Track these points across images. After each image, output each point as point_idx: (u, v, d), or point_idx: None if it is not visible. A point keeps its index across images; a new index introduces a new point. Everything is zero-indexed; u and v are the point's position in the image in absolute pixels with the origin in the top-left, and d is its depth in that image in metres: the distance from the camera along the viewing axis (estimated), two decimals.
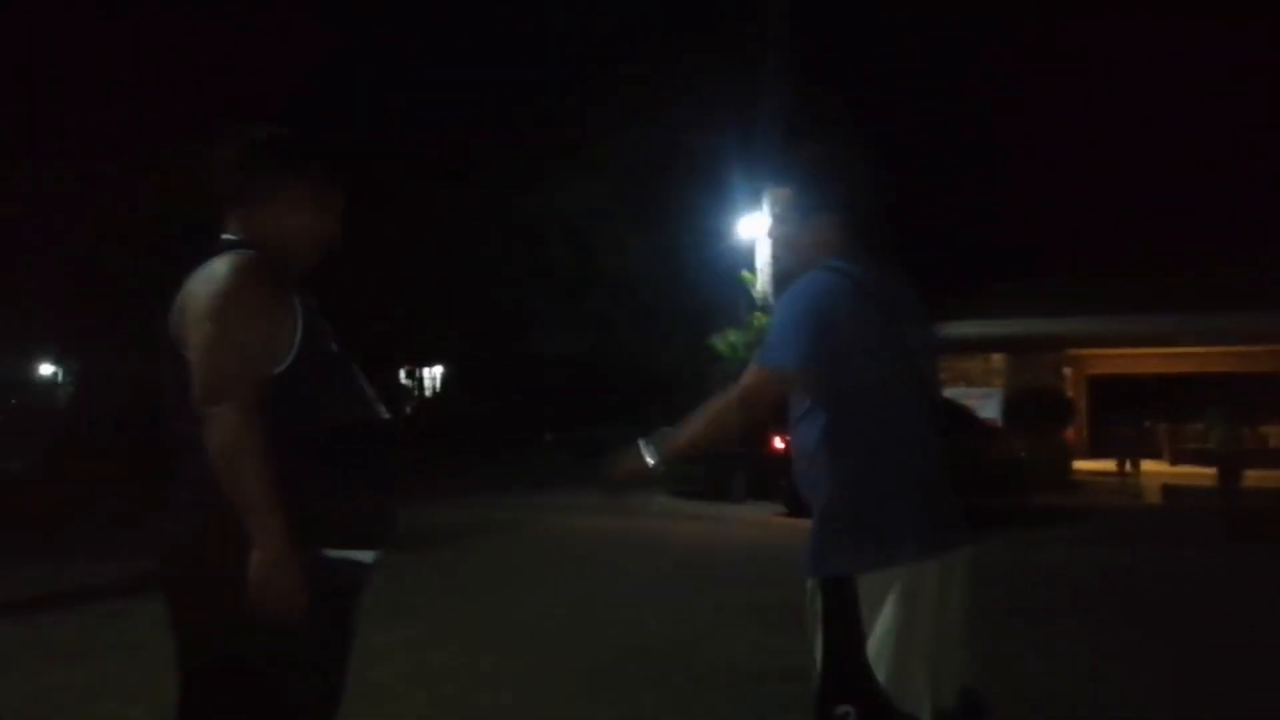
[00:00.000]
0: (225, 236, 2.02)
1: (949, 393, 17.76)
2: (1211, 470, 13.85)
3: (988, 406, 16.45)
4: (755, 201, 15.88)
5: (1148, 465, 19.42)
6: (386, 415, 2.05)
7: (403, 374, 24.85)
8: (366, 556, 1.98)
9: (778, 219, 2.44)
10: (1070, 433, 18.84)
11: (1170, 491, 15.94)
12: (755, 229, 15.90)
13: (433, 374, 25.33)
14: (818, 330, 2.18)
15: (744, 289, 15.86)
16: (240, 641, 1.84)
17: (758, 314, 15.46)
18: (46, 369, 34.19)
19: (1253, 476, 13.98)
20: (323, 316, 2.02)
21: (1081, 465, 19.36)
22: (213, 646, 1.86)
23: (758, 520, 11.69)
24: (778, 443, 11.94)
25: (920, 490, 2.25)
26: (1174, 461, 22.43)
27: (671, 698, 4.43)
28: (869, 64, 18.21)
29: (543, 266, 19.80)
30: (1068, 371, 20.29)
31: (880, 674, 2.16)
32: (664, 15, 17.95)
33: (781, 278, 15.78)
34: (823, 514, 2.29)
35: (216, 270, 1.88)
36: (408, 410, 23.85)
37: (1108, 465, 17.63)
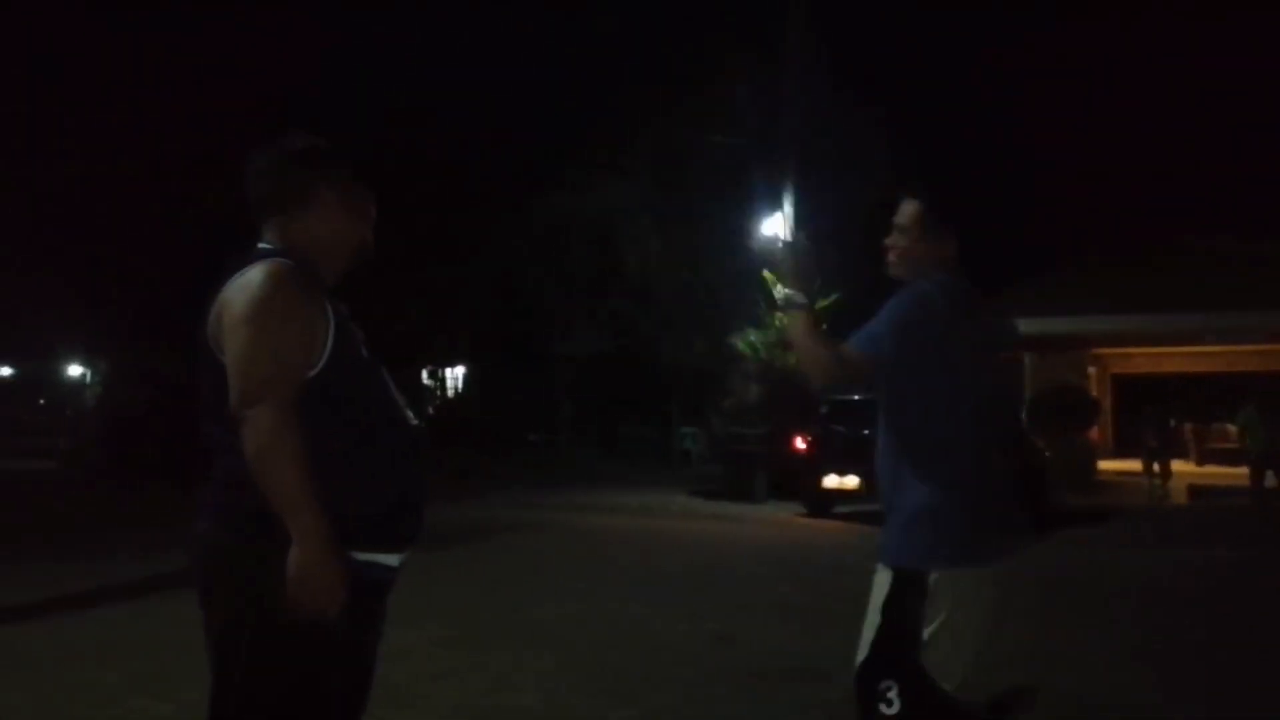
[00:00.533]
0: (261, 245, 2.06)
1: None
2: (1239, 470, 13.62)
3: None
4: (776, 202, 15.85)
5: (1174, 466, 19.19)
6: (415, 421, 2.08)
7: (425, 374, 24.96)
8: (393, 559, 2.01)
9: (900, 230, 2.58)
10: (1094, 433, 18.68)
11: (1198, 492, 15.75)
12: (776, 229, 15.88)
13: (454, 374, 25.42)
14: (906, 337, 2.37)
15: (765, 289, 15.83)
16: (271, 642, 1.87)
17: (778, 314, 15.42)
18: (75, 369, 34.62)
19: None
20: (354, 322, 2.05)
21: (1106, 465, 19.18)
22: (244, 646, 1.90)
23: (778, 521, 11.67)
24: (799, 444, 11.92)
25: (991, 497, 2.42)
26: (1201, 462, 22.17)
27: (693, 698, 4.44)
28: (890, 64, 18.13)
29: (564, 267, 19.84)
30: (1092, 371, 20.12)
31: (927, 663, 2.34)
32: (687, 17, 17.95)
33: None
34: (902, 509, 2.43)
35: (252, 278, 1.93)
36: (430, 410, 23.94)
37: (1133, 465, 17.44)
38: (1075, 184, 19.31)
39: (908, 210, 2.57)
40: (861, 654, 2.42)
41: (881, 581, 2.42)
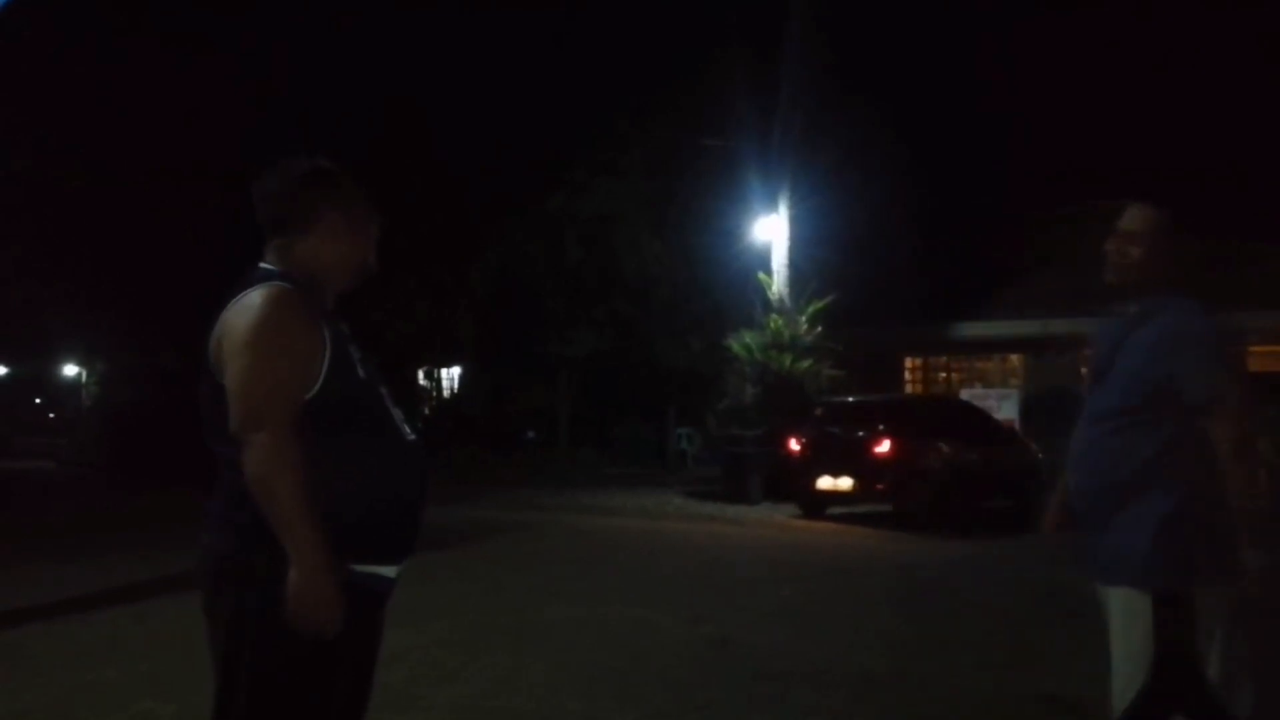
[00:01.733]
0: (262, 265, 2.11)
1: (966, 394, 17.74)
2: None
3: (1005, 407, 16.42)
4: (772, 204, 15.91)
5: None
6: (412, 435, 2.14)
7: (421, 375, 25.00)
8: (391, 571, 2.09)
9: (1129, 237, 2.49)
10: None
11: None
12: (772, 231, 15.94)
13: (450, 375, 25.46)
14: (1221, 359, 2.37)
15: (760, 291, 15.88)
16: (273, 651, 1.94)
17: (773, 316, 15.47)
18: (70, 369, 34.63)
19: None
20: (354, 339, 2.11)
21: None
22: (247, 655, 1.96)
23: (773, 522, 11.72)
24: (793, 445, 11.98)
25: (1235, 511, 2.34)
26: None
27: (690, 700, 4.47)
28: (887, 65, 18.18)
29: (562, 267, 19.90)
30: (1085, 372, 20.21)
31: (1213, 681, 2.29)
32: (684, 17, 18.01)
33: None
34: (1163, 526, 2.31)
35: (251, 302, 1.99)
36: (426, 412, 23.97)
37: None
38: (1070, 184, 19.36)
39: (1142, 216, 2.47)
40: (1129, 693, 2.28)
41: (1134, 606, 2.29)
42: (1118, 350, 2.52)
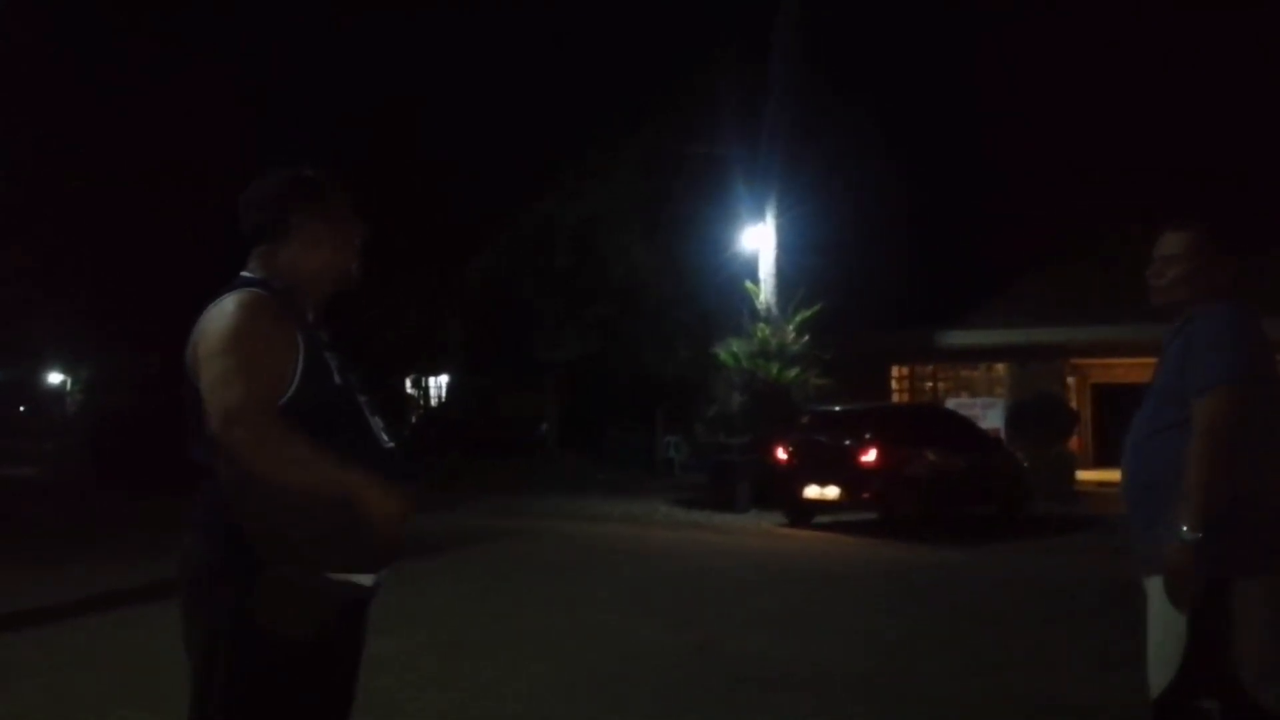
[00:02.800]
0: (243, 273, 2.12)
1: (952, 403, 17.83)
2: None
3: (991, 416, 16.51)
4: (759, 213, 15.96)
5: None
6: (389, 443, 2.13)
7: (409, 383, 24.93)
8: (367, 579, 2.07)
9: (1172, 259, 2.60)
10: (1074, 442, 18.87)
11: None
12: (759, 239, 15.99)
13: (438, 382, 25.41)
14: (1249, 352, 2.43)
15: (747, 299, 15.92)
16: (250, 658, 1.93)
17: (760, 324, 15.51)
18: (55, 377, 34.38)
19: None
20: (333, 348, 2.11)
21: (1085, 475, 19.35)
22: (224, 662, 1.95)
23: (761, 530, 11.73)
24: (780, 454, 11.99)
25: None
26: None
27: (675, 706, 4.49)
28: (874, 74, 18.26)
29: (551, 273, 19.91)
30: (1071, 381, 20.32)
31: (1247, 673, 2.30)
32: (673, 26, 18.09)
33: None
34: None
35: (224, 308, 2.00)
36: (413, 419, 23.88)
37: (1112, 475, 17.54)
38: (1056, 190, 19.45)
39: (1175, 240, 2.60)
40: (1163, 675, 2.35)
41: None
42: (1161, 360, 2.66)
